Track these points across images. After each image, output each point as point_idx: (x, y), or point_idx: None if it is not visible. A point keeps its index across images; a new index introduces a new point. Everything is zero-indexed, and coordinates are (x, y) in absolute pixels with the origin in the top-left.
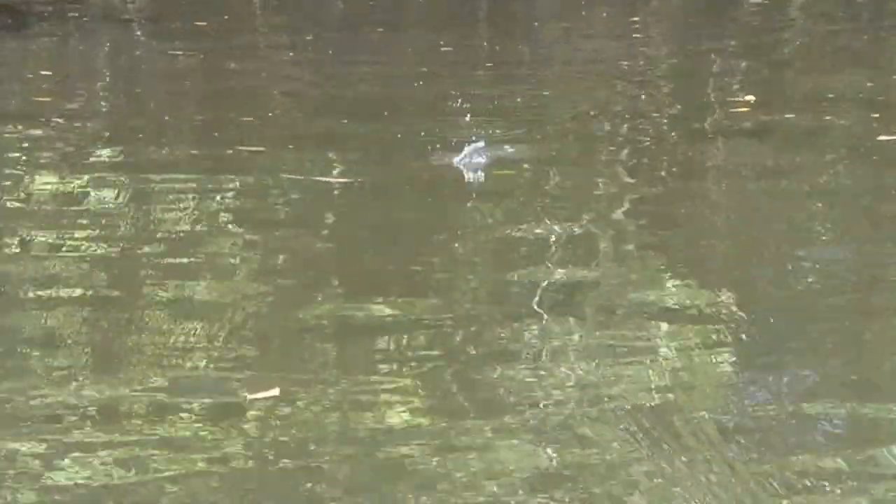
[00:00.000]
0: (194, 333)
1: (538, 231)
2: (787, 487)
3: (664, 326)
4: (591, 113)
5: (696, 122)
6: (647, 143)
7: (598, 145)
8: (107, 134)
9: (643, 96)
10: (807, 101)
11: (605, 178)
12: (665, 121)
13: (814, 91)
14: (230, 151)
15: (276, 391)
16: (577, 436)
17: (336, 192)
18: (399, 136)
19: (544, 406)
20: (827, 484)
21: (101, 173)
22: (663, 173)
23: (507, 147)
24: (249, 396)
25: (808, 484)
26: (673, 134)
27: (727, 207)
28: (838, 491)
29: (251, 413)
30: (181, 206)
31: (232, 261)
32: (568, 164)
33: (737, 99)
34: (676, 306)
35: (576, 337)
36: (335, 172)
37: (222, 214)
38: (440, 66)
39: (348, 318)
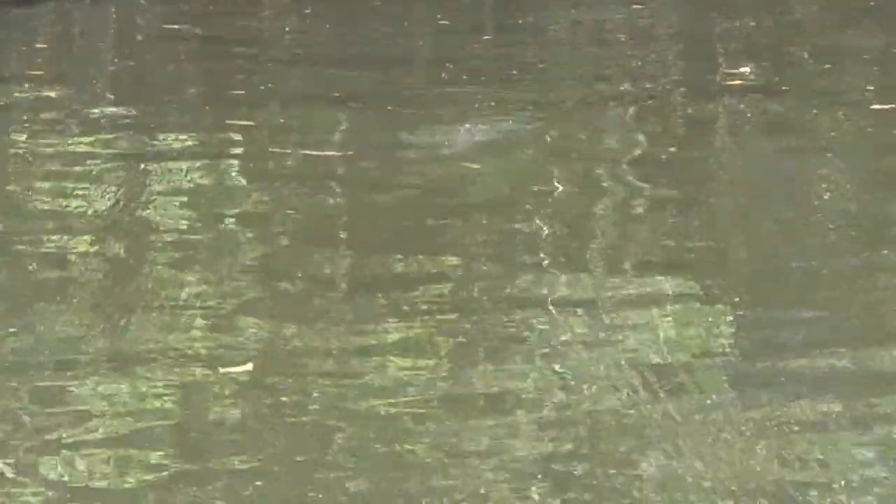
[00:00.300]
0: (200, 287)
1: (544, 186)
2: (791, 434)
3: (670, 280)
4: (596, 80)
5: (701, 84)
6: (653, 104)
7: (604, 107)
8: (111, 97)
9: (648, 64)
10: (809, 66)
11: (611, 135)
12: (670, 84)
13: (816, 57)
14: (230, 122)
15: (249, 366)
16: (583, 389)
17: (339, 155)
18: (398, 107)
19: (549, 358)
20: (830, 429)
21: (104, 135)
22: (670, 131)
23: (511, 114)
24: (222, 370)
25: (812, 430)
26: (679, 94)
27: (734, 164)
28: (842, 436)
29: (255, 364)
30: (183, 165)
31: (236, 214)
32: (573, 124)
33: (734, 71)
34: (683, 260)
35: (583, 290)
36: (335, 141)
37: (228, 171)
38: (441, 37)
39: (356, 272)
